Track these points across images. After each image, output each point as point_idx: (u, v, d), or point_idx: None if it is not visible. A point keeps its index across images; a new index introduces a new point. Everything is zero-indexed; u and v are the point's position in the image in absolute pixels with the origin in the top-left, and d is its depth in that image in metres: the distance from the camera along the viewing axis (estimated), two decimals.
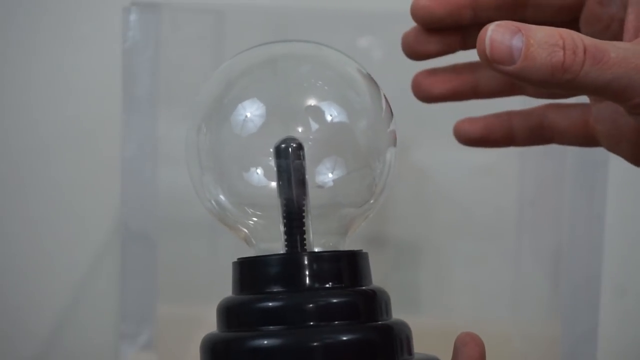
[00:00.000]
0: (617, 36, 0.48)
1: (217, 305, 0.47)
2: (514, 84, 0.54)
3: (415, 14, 0.53)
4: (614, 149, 0.52)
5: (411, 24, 0.54)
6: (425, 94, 0.55)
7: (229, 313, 0.46)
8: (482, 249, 0.87)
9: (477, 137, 0.55)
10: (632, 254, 0.92)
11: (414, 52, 0.54)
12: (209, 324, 0.47)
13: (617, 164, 0.82)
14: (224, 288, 0.49)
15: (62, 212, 0.93)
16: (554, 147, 0.63)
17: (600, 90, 0.41)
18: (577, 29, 0.50)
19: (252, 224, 0.49)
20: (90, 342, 0.93)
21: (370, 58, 0.84)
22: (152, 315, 0.84)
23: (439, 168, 0.87)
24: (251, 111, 0.48)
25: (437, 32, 0.53)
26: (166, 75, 0.83)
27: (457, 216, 0.88)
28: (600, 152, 0.79)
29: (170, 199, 0.84)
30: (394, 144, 0.50)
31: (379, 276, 0.49)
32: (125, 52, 0.82)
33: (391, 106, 0.50)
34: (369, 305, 0.45)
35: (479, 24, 0.47)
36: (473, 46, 0.51)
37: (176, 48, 0.84)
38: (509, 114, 0.55)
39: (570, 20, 0.51)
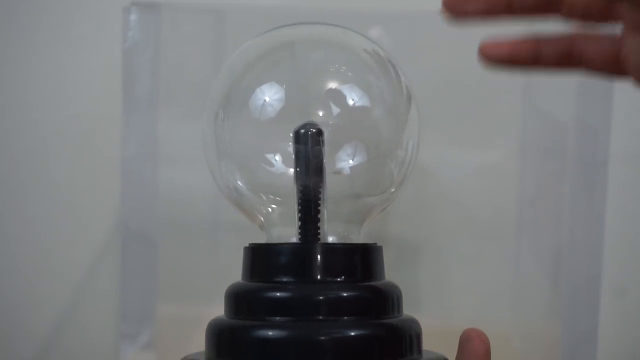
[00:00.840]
0: None
1: (225, 289, 0.46)
2: (549, 1, 0.51)
3: None
4: None
5: (418, 21, 0.53)
6: (458, 10, 0.51)
7: (237, 300, 0.45)
8: (482, 248, 0.87)
9: (505, 57, 0.52)
10: (632, 254, 0.92)
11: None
12: None
13: (617, 164, 0.82)
14: (224, 288, 0.49)
15: (62, 212, 0.93)
16: (554, 147, 0.63)
17: None
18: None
19: (269, 210, 0.48)
20: (90, 342, 0.93)
21: None
22: (152, 315, 0.84)
23: (440, 168, 0.87)
24: (270, 95, 0.47)
25: None
26: (166, 75, 0.83)
27: (457, 216, 0.88)
28: (600, 152, 0.79)
29: (170, 199, 0.84)
30: (417, 131, 0.49)
31: None
32: (125, 52, 0.82)
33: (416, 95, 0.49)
34: (380, 301, 0.44)
35: None
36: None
37: (176, 48, 0.84)
38: (537, 38, 0.52)
39: None
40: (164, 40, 0.83)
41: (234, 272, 0.54)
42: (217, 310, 0.49)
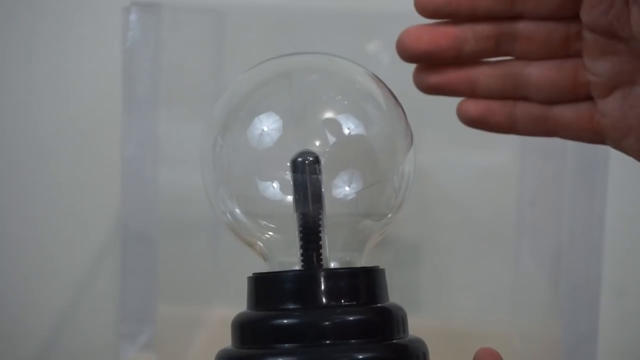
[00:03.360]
0: (620, 16, 0.47)
1: (232, 320, 0.46)
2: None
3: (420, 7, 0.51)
4: (619, 144, 0.51)
5: (408, 19, 0.53)
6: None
7: (243, 329, 0.45)
8: (482, 249, 0.87)
9: (477, 117, 0.54)
10: (632, 254, 0.92)
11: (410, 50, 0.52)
12: (209, 324, 0.47)
13: (617, 164, 0.82)
14: (224, 288, 0.49)
15: (62, 212, 0.93)
16: (554, 147, 0.63)
17: None
18: (579, 24, 0.50)
19: (267, 237, 0.49)
20: (90, 342, 0.93)
21: (369, 58, 0.84)
22: (152, 315, 0.84)
23: (439, 168, 0.87)
24: (268, 125, 0.47)
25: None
26: (166, 75, 0.83)
27: (457, 216, 0.88)
28: (600, 152, 0.79)
29: (170, 199, 0.84)
30: (413, 156, 0.50)
31: None
32: (125, 52, 0.82)
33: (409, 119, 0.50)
34: (386, 323, 0.45)
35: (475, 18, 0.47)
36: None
37: (176, 48, 0.84)
38: (514, 101, 0.54)
39: (570, 16, 0.50)
40: (164, 40, 0.83)
41: (234, 272, 0.54)
42: (217, 310, 0.49)
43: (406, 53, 0.51)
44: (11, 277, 0.94)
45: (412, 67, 0.54)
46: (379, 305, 0.45)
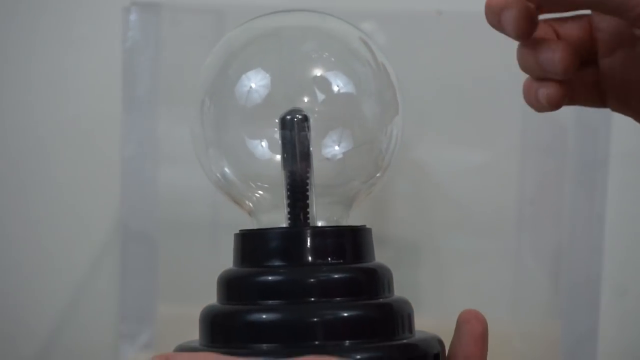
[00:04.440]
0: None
1: (217, 276, 0.46)
2: None
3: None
4: (620, 106, 0.50)
5: (407, 22, 0.53)
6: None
7: (229, 285, 0.45)
8: (482, 248, 0.87)
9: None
10: (632, 254, 0.92)
11: None
12: None
13: (617, 164, 0.82)
14: None
15: (62, 212, 0.93)
16: (554, 147, 0.63)
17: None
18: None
19: (257, 197, 0.49)
20: (90, 342, 0.93)
21: None
22: (152, 315, 0.84)
23: (439, 166, 0.87)
24: (256, 82, 0.47)
25: None
26: (166, 75, 0.83)
27: (457, 215, 0.88)
28: (600, 151, 0.79)
29: (170, 199, 0.84)
30: (400, 117, 0.50)
31: None
32: (125, 52, 0.82)
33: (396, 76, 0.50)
34: (371, 282, 0.45)
35: None
36: None
37: (176, 48, 0.84)
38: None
39: None
40: (164, 40, 0.83)
41: None
42: None
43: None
44: (11, 277, 0.94)
45: (401, 61, 0.54)
46: (364, 264, 0.45)
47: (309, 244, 0.44)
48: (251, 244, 0.46)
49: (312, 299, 0.43)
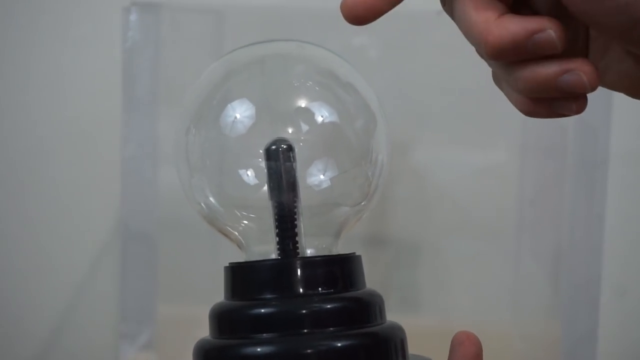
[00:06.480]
0: None
1: (209, 310, 0.47)
2: None
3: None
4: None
5: (407, 22, 0.53)
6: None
7: (220, 319, 0.45)
8: (482, 249, 0.87)
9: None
10: (632, 254, 0.92)
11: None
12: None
13: (617, 164, 0.82)
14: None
15: (62, 212, 0.93)
16: (554, 147, 0.63)
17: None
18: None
19: (243, 227, 0.49)
20: (90, 342, 0.93)
21: (367, 58, 0.84)
22: (152, 315, 0.84)
23: (439, 168, 0.87)
24: (240, 112, 0.47)
25: None
26: (166, 75, 0.83)
27: (456, 216, 0.88)
28: (600, 151, 0.79)
29: (170, 199, 0.84)
30: (387, 143, 0.50)
31: (378, 276, 0.49)
32: (125, 52, 0.82)
33: (384, 105, 0.50)
34: (363, 310, 0.45)
35: None
36: None
37: (176, 48, 0.84)
38: None
39: None
40: (164, 40, 0.83)
41: None
42: None
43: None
44: (11, 277, 0.94)
45: (400, 62, 0.54)
46: (355, 292, 0.45)
47: (299, 275, 0.44)
48: (241, 277, 0.46)
49: (305, 330, 0.43)
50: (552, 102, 0.45)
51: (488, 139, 0.87)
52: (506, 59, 0.43)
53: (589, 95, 0.51)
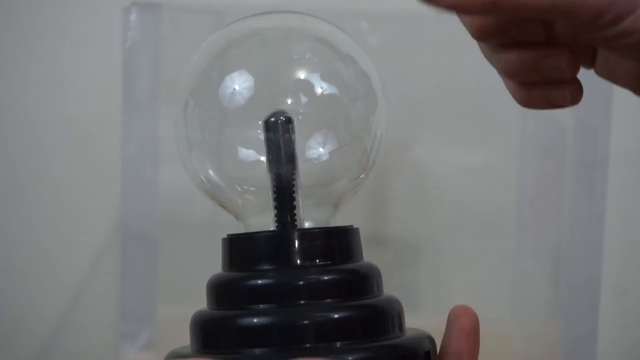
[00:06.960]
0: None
1: (207, 281, 0.47)
2: None
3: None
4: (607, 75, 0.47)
5: (407, 22, 0.53)
6: None
7: (218, 290, 0.46)
8: (481, 248, 0.87)
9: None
10: (632, 254, 0.92)
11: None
12: None
13: (617, 164, 0.82)
14: None
15: (62, 212, 0.93)
16: (554, 147, 0.63)
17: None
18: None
19: (242, 200, 0.49)
20: (90, 342, 0.93)
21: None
22: (152, 315, 0.84)
23: (439, 167, 0.87)
24: (239, 83, 0.47)
25: None
26: (166, 75, 0.83)
27: (456, 215, 0.88)
28: (600, 152, 0.79)
29: (170, 199, 0.84)
30: (385, 116, 0.50)
31: None
32: (125, 52, 0.82)
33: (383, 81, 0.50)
34: (360, 282, 0.45)
35: None
36: None
37: (176, 48, 0.84)
38: None
39: None
40: (164, 40, 0.83)
41: None
42: None
43: None
44: (11, 277, 0.94)
45: (400, 62, 0.54)
46: (353, 264, 0.45)
47: (296, 246, 0.44)
48: (239, 248, 0.46)
49: (302, 302, 0.43)
50: (545, 90, 0.45)
51: (488, 138, 0.87)
52: (491, 41, 0.44)
53: (589, 96, 0.51)
